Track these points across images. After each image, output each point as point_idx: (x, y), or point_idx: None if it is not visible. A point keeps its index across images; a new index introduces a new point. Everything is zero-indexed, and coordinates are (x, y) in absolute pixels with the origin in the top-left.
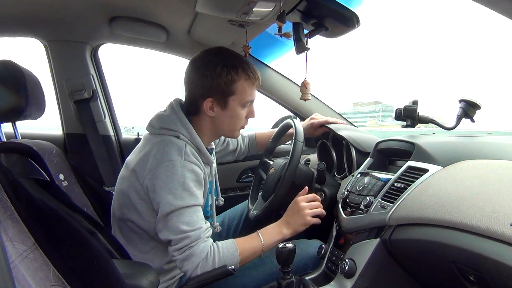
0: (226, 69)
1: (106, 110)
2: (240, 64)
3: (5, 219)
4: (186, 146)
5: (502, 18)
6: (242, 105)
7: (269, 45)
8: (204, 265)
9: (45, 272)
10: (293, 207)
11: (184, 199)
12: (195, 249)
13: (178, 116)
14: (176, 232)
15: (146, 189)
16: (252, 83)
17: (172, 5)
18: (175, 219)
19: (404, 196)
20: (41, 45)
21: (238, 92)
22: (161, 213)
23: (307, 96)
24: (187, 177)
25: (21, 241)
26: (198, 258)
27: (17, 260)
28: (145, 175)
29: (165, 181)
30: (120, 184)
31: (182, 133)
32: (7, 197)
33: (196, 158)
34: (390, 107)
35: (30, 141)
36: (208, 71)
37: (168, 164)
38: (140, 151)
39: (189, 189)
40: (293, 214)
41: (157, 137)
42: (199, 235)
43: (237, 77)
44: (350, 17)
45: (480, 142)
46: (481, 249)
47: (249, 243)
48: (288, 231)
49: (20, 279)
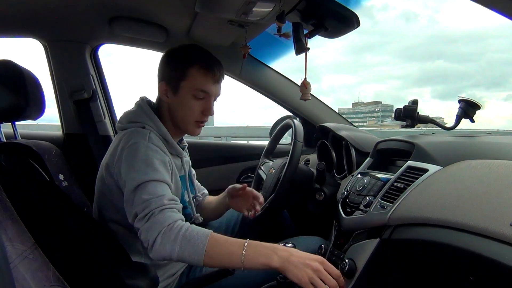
0: (184, 56)
1: (106, 110)
2: (199, 53)
3: (5, 219)
4: (150, 133)
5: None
6: (193, 95)
7: (268, 45)
8: (167, 234)
9: (45, 272)
10: (307, 256)
11: (148, 173)
12: (159, 216)
13: (143, 109)
14: (139, 203)
15: (117, 179)
16: (207, 73)
17: (172, 5)
18: (138, 194)
19: (404, 196)
20: (41, 46)
21: (189, 78)
22: (127, 194)
23: (307, 96)
24: (150, 155)
25: (21, 241)
26: (161, 225)
27: (17, 260)
28: (114, 165)
29: (129, 161)
30: (97, 187)
31: (147, 123)
32: (7, 197)
33: (161, 144)
34: (390, 107)
35: (29, 142)
36: (169, 59)
37: (131, 145)
38: (110, 147)
39: (152, 164)
40: (298, 260)
41: (124, 131)
42: (162, 201)
43: (191, 63)
44: (350, 17)
45: (480, 142)
46: (481, 249)
47: (228, 242)
48: (278, 264)
49: (20, 279)
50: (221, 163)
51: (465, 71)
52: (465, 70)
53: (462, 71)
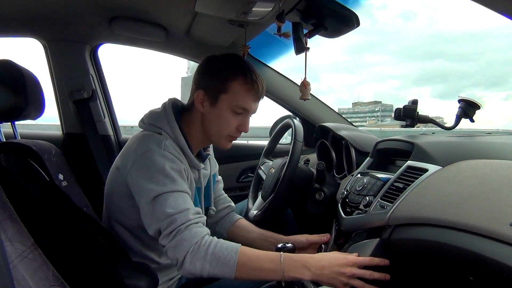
0: (226, 67)
1: (106, 110)
2: (243, 67)
3: (5, 219)
4: (166, 140)
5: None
6: (232, 109)
7: (268, 45)
8: (196, 252)
9: (44, 272)
10: (338, 263)
11: (166, 185)
12: (186, 233)
13: (166, 113)
14: (162, 218)
15: (129, 183)
16: (249, 90)
17: (172, 5)
18: (159, 206)
19: (404, 196)
20: (41, 45)
21: (230, 92)
22: (145, 205)
23: (307, 96)
24: (167, 165)
25: (20, 241)
26: (188, 243)
27: (17, 260)
28: (127, 170)
29: (144, 171)
30: (106, 186)
31: (165, 130)
32: (6, 197)
33: (177, 152)
34: (389, 107)
35: (29, 141)
36: (210, 67)
37: (146, 153)
38: (125, 148)
39: (169, 175)
40: (331, 271)
41: (142, 132)
42: (187, 216)
43: (234, 77)
44: (350, 17)
45: (480, 142)
46: (481, 249)
47: (259, 258)
48: (311, 278)
49: (19, 279)
50: (221, 162)
51: (465, 70)
52: (465, 70)
53: (462, 71)
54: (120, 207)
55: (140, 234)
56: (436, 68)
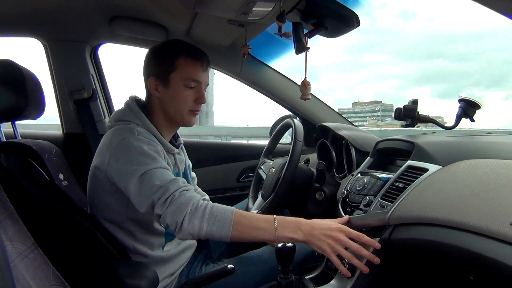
0: (169, 48)
1: (106, 110)
2: (183, 44)
3: (5, 219)
4: (137, 127)
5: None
6: (185, 84)
7: (268, 44)
8: (194, 212)
9: (44, 271)
10: (327, 227)
11: (148, 163)
12: (182, 198)
13: (130, 107)
14: (153, 191)
15: (111, 176)
16: (195, 61)
17: (172, 5)
18: (146, 182)
19: (404, 196)
20: (41, 45)
21: (179, 67)
22: (132, 186)
23: (307, 95)
24: (144, 146)
25: (20, 240)
26: (186, 205)
27: (17, 259)
28: (106, 165)
29: (124, 157)
30: (88, 187)
31: (134, 121)
32: (6, 197)
33: (151, 137)
34: (389, 106)
35: (29, 141)
36: (154, 54)
37: (121, 141)
38: (99, 146)
39: (149, 155)
40: (320, 232)
41: (111, 129)
42: (178, 184)
43: (179, 53)
44: (350, 17)
45: (480, 141)
46: (481, 249)
47: (254, 217)
48: (302, 238)
49: (20, 278)
50: (221, 162)
51: (465, 70)
52: (465, 69)
53: (462, 70)
54: (106, 203)
55: (130, 228)
56: (436, 67)
